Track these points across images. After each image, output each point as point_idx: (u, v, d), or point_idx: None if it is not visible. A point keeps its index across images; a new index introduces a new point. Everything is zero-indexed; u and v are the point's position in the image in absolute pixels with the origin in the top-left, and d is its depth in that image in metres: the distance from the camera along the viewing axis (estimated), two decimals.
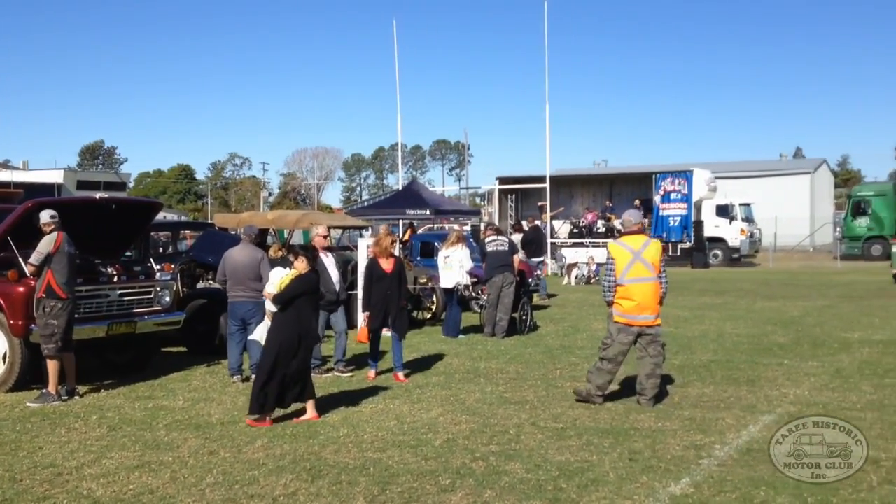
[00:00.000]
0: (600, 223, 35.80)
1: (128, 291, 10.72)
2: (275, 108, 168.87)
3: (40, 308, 9.21)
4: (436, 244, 18.60)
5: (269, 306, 8.65)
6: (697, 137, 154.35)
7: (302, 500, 5.97)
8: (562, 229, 37.65)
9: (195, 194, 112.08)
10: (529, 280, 17.63)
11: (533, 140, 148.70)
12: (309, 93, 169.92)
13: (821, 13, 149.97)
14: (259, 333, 8.90)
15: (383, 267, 10.58)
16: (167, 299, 11.16)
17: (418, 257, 19.74)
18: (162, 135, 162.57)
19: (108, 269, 10.76)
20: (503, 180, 41.03)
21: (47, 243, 9.22)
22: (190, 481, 6.39)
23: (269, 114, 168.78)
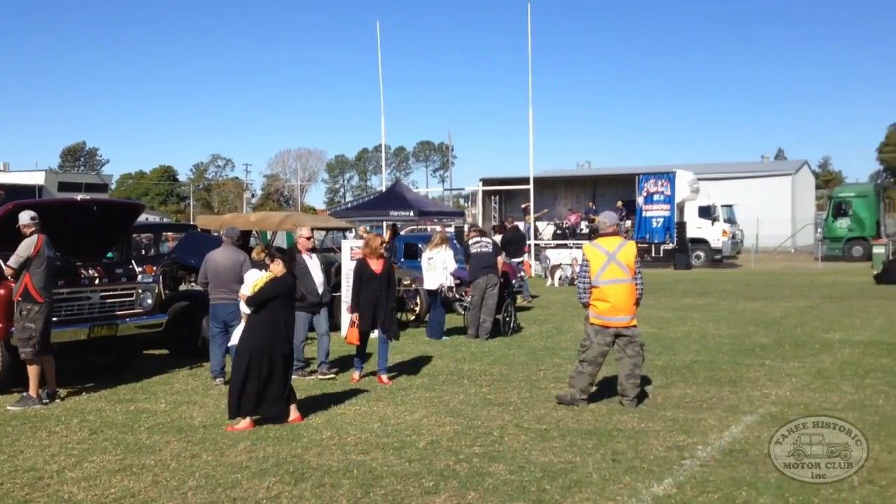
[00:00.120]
0: (584, 224, 35.93)
1: (109, 293, 10.65)
2: (258, 109, 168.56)
3: (17, 311, 9.15)
4: (419, 246, 18.61)
5: (244, 308, 8.60)
6: (680, 139, 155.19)
7: (285, 503, 5.95)
8: (545, 230, 37.74)
9: (177, 196, 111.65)
10: (513, 281, 17.65)
11: (517, 141, 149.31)
12: (292, 94, 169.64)
13: (802, 16, 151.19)
14: (236, 336, 8.83)
15: (373, 268, 10.53)
16: (149, 301, 11.10)
17: (402, 259, 19.72)
18: (144, 136, 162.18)
19: (90, 271, 10.69)
20: (487, 182, 41.10)
21: (27, 247, 9.14)
22: (172, 485, 6.36)
23: (252, 115, 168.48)
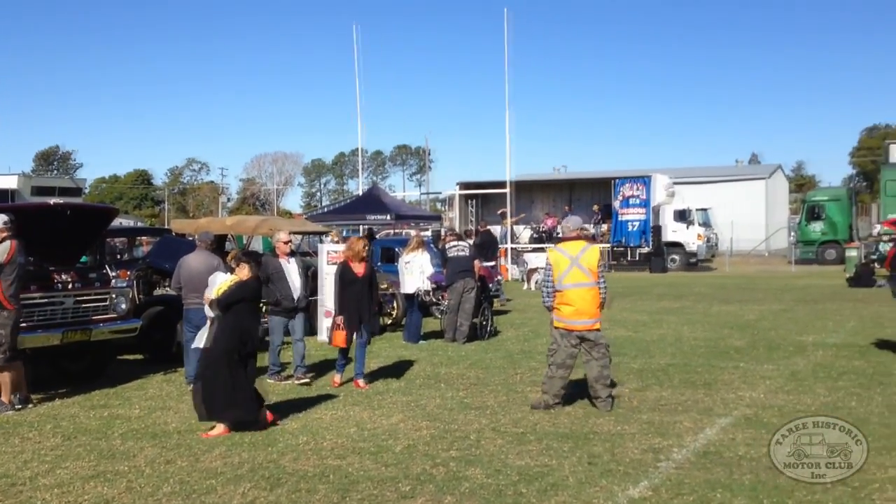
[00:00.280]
0: (559, 228, 36.04)
1: (83, 298, 10.53)
2: (233, 112, 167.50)
3: None
4: (397, 250, 18.58)
5: (209, 311, 8.53)
6: (656, 143, 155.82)
7: None
8: (523, 234, 37.86)
9: (152, 200, 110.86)
10: (490, 285, 17.67)
11: (494, 145, 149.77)
12: (269, 97, 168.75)
13: (777, 22, 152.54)
14: (200, 339, 8.78)
15: (355, 270, 10.49)
16: (123, 306, 11.00)
17: (379, 263, 19.68)
18: (118, 140, 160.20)
19: (63, 276, 10.58)
20: (464, 185, 41.18)
21: (0, 253, 9.04)
22: (146, 491, 6.31)
23: (228, 119, 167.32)
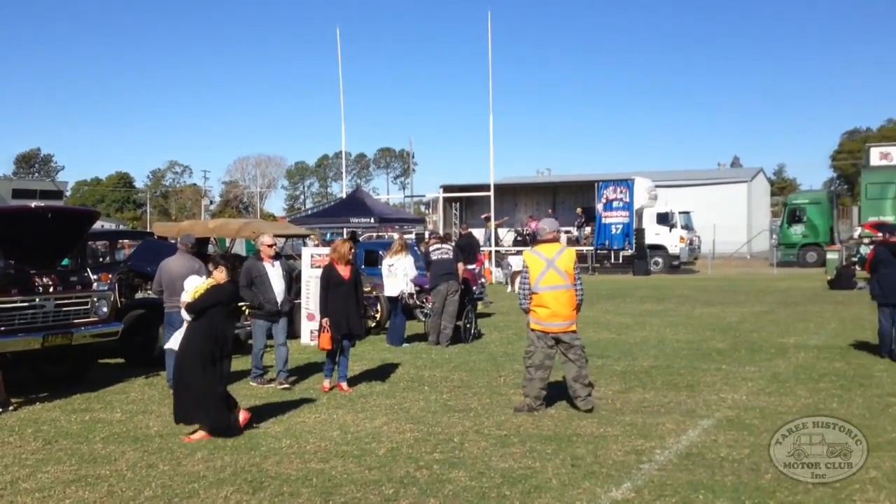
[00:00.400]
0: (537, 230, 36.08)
1: (64, 302, 10.47)
2: (216, 115, 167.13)
3: None
4: (380, 252, 18.57)
5: (184, 315, 8.48)
6: (638, 147, 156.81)
7: None
8: (506, 237, 37.94)
9: (134, 203, 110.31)
10: (474, 288, 17.68)
11: (477, 149, 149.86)
12: (252, 100, 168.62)
13: (757, 27, 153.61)
14: (174, 341, 8.72)
15: (341, 273, 10.44)
16: (104, 310, 10.94)
17: (363, 266, 19.66)
18: (100, 142, 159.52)
19: (44, 279, 10.51)
20: (447, 188, 41.19)
21: None
22: (128, 495, 6.27)
23: (211, 121, 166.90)
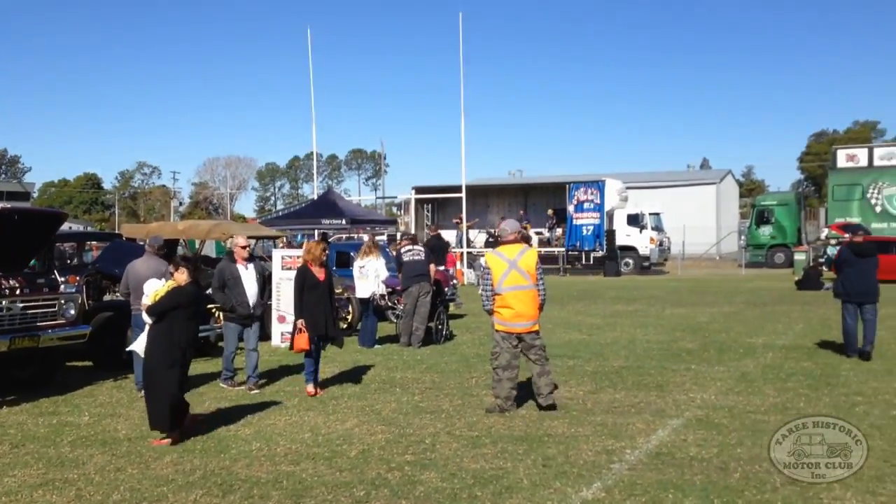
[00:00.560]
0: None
1: (31, 304, 10.33)
2: (186, 115, 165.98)
3: None
4: (351, 254, 18.52)
5: (145, 318, 8.38)
6: (609, 148, 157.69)
7: None
8: (478, 238, 38.00)
9: (102, 204, 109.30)
10: (446, 289, 17.69)
11: (449, 150, 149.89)
12: (221, 100, 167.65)
13: (725, 30, 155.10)
14: (138, 344, 8.61)
15: (316, 275, 10.37)
16: (72, 312, 10.82)
17: (334, 267, 19.59)
18: (67, 143, 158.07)
19: (10, 282, 10.38)
20: (419, 190, 41.21)
21: None
22: (96, 499, 6.21)
23: (180, 122, 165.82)
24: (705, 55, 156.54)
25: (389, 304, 15.19)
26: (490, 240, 37.49)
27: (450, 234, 38.34)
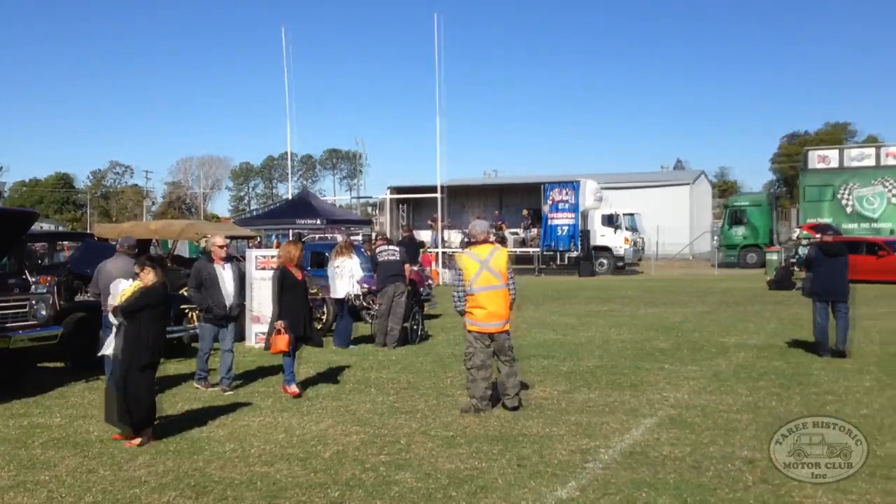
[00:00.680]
0: (491, 232, 36.25)
1: (1, 305, 10.22)
2: (159, 114, 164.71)
3: None
4: (326, 254, 18.47)
5: (112, 319, 8.28)
6: (584, 149, 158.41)
7: None
8: (453, 238, 38.03)
9: (74, 204, 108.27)
10: (421, 289, 17.68)
11: (425, 150, 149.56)
12: (195, 99, 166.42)
13: (699, 31, 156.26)
14: (108, 347, 8.52)
15: (295, 275, 10.32)
16: (43, 313, 10.69)
17: (308, 267, 19.52)
18: (38, 142, 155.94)
19: None
20: (395, 190, 41.16)
21: None
22: (68, 501, 6.15)
23: (154, 120, 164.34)
24: (679, 57, 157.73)
25: (364, 304, 15.17)
26: (465, 240, 37.59)
27: (425, 235, 38.38)
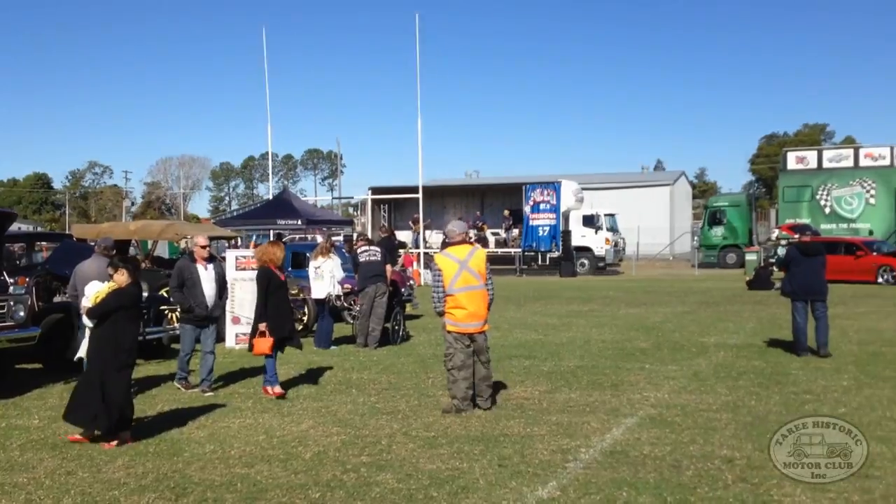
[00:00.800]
0: (472, 233, 36.33)
1: None
2: (138, 114, 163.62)
3: None
4: (307, 255, 18.42)
5: (86, 321, 8.20)
6: (566, 149, 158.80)
7: None
8: (434, 239, 38.02)
9: (52, 204, 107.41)
10: (402, 290, 17.69)
11: (406, 150, 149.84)
12: (175, 99, 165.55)
13: (678, 34, 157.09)
14: (83, 350, 8.45)
15: (280, 276, 10.30)
16: (21, 314, 10.60)
17: (289, 268, 19.46)
18: (16, 142, 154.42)
19: None
20: (376, 190, 41.16)
21: None
22: (46, 503, 6.10)
23: (133, 121, 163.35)
24: (660, 59, 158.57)
25: (345, 304, 15.15)
26: (444, 240, 37.64)
27: (406, 235, 38.35)
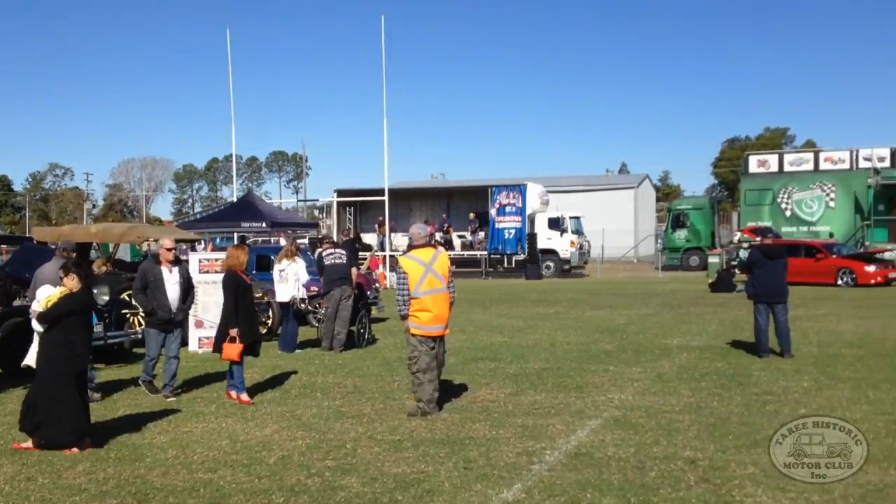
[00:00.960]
0: (438, 236, 36.38)
1: None
2: (100, 115, 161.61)
3: None
4: (272, 258, 18.31)
5: (35, 326, 8.06)
6: (530, 152, 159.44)
7: None
8: (400, 242, 37.99)
9: (12, 207, 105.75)
10: (367, 293, 17.64)
11: (372, 152, 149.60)
12: (137, 100, 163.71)
13: (642, 38, 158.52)
14: (31, 357, 8.31)
15: (246, 280, 10.23)
16: None
17: (254, 271, 19.33)
18: None
19: None
20: (342, 193, 41.06)
21: None
22: None
23: (94, 122, 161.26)
24: (623, 62, 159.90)
25: (310, 308, 15.07)
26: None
27: (372, 238, 38.28)
